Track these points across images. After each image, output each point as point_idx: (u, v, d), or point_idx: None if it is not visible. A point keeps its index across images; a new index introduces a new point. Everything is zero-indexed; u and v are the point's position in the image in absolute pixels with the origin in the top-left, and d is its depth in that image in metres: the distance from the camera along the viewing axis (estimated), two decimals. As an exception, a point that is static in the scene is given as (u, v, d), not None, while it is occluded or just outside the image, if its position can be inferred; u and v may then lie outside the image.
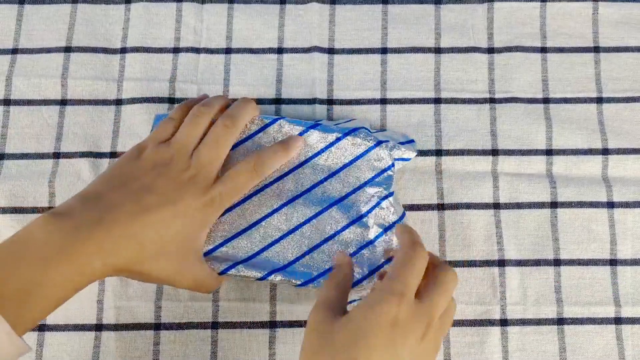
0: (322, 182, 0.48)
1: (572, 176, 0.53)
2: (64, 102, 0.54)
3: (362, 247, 0.47)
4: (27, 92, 0.54)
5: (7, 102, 0.54)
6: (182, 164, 0.44)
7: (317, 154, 0.49)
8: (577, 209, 0.52)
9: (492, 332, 0.50)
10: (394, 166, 0.49)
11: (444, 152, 0.53)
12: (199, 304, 0.50)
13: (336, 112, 0.54)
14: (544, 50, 0.55)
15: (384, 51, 0.55)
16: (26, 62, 0.55)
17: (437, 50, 0.55)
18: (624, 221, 0.52)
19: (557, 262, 0.51)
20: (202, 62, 0.55)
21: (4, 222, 0.51)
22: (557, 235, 0.52)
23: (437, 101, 0.54)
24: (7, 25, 0.55)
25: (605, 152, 0.53)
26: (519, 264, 0.51)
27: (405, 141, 0.51)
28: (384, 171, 0.48)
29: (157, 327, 0.50)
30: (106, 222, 0.40)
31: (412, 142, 0.52)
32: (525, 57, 0.55)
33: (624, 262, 0.51)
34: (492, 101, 0.54)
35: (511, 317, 0.50)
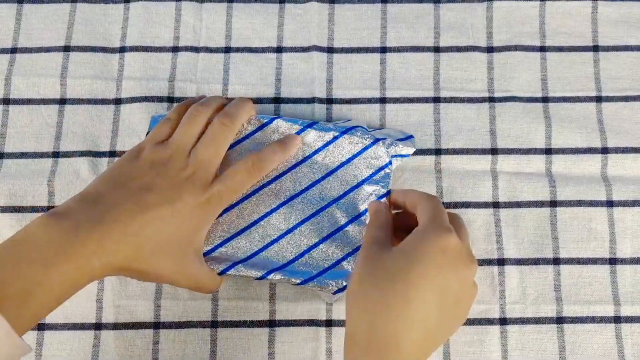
0: (320, 181, 0.48)
1: (572, 175, 0.53)
2: (63, 101, 0.54)
3: (360, 246, 0.47)
4: (26, 91, 0.54)
5: (7, 101, 0.54)
6: (180, 163, 0.44)
7: (315, 152, 0.49)
8: (577, 207, 0.52)
9: (492, 331, 0.50)
10: (391, 164, 0.49)
11: (443, 151, 0.53)
12: (199, 303, 0.50)
13: (335, 111, 0.54)
14: (543, 49, 0.55)
15: (383, 50, 0.55)
16: (25, 61, 0.55)
17: (436, 49, 0.55)
18: (624, 220, 0.52)
19: (557, 261, 0.51)
20: (202, 61, 0.55)
21: (3, 221, 0.51)
22: (556, 234, 0.52)
23: (437, 100, 0.54)
24: (6, 24, 0.55)
25: (604, 151, 0.53)
26: (519, 262, 0.51)
27: (404, 137, 0.51)
28: (381, 169, 0.48)
29: (157, 326, 0.50)
30: (106, 221, 0.41)
31: (410, 137, 0.52)
32: (524, 56, 0.55)
33: (623, 260, 0.51)
34: (492, 100, 0.54)
35: (510, 316, 0.50)
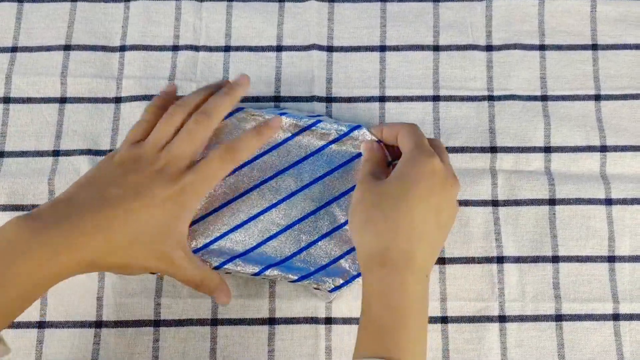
0: (321, 178, 0.48)
1: (571, 173, 0.53)
2: (63, 100, 0.54)
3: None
4: (26, 90, 0.54)
5: (7, 100, 0.54)
6: (152, 158, 0.44)
7: (317, 150, 0.49)
8: (576, 205, 0.52)
9: (491, 328, 0.50)
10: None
11: (442, 150, 0.53)
12: (199, 301, 0.50)
13: (335, 110, 0.54)
14: (543, 47, 0.56)
15: (383, 49, 0.55)
16: (26, 60, 0.55)
17: (436, 47, 0.55)
18: (622, 218, 0.52)
19: (556, 259, 0.51)
20: (201, 60, 0.55)
21: (4, 219, 0.50)
22: (555, 232, 0.52)
23: (436, 99, 0.54)
24: (7, 23, 0.56)
25: (603, 149, 0.53)
26: (518, 260, 0.51)
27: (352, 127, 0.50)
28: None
29: (157, 323, 0.50)
30: (72, 217, 0.41)
31: (359, 127, 0.50)
32: (523, 54, 0.55)
33: (622, 258, 0.52)
34: (491, 99, 0.54)
35: (510, 313, 0.51)
